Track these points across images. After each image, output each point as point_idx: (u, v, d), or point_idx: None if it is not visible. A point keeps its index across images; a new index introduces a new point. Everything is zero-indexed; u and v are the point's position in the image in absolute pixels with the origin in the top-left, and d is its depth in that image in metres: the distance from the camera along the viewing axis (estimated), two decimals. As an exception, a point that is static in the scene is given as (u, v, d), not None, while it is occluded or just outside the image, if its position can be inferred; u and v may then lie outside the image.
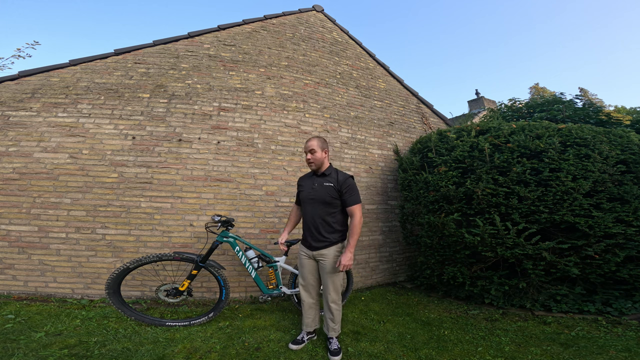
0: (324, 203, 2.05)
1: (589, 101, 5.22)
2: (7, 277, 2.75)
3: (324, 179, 2.10)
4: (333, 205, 2.05)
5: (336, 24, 4.88)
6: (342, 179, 2.05)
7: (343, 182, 2.04)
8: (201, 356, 1.99)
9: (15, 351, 1.86)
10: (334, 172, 2.12)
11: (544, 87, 21.74)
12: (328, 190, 2.04)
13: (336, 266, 1.97)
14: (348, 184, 2.04)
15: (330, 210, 2.06)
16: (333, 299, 2.08)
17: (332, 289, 2.06)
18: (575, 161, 2.84)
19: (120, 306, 2.35)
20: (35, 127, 3.05)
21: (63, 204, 2.90)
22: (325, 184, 2.06)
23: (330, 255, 2.03)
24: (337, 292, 2.09)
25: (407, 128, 4.69)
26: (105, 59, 3.46)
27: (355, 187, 2.07)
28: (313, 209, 2.09)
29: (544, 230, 2.91)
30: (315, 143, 2.09)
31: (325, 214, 2.05)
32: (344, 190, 2.02)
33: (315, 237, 2.06)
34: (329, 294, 2.07)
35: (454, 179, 3.20)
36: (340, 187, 2.03)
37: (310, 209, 2.11)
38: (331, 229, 2.05)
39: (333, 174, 2.10)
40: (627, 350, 2.10)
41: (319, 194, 2.06)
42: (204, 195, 3.19)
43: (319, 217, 2.06)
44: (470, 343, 2.29)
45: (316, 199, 2.07)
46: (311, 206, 2.10)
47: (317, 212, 2.07)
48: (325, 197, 2.04)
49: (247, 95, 3.67)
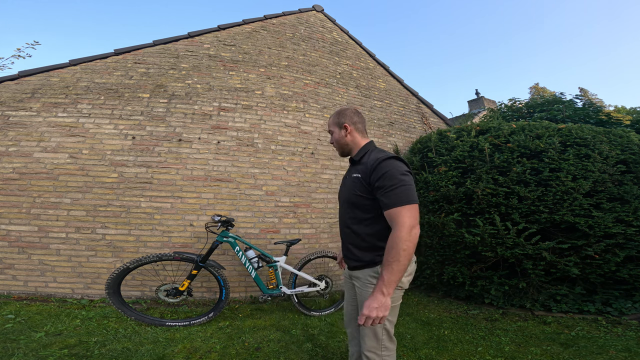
0: (351, 205, 1.32)
1: (589, 101, 5.22)
2: (7, 277, 2.75)
3: (354, 167, 1.38)
4: (362, 208, 1.27)
5: (336, 24, 4.88)
6: (373, 163, 1.21)
7: (373, 169, 1.20)
8: (201, 356, 1.99)
9: (15, 351, 1.86)
10: (368, 154, 1.32)
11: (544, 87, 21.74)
12: (354, 184, 1.29)
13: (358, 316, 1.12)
14: (382, 169, 1.17)
15: (360, 215, 1.28)
16: (368, 346, 1.26)
17: (367, 330, 1.25)
18: (575, 161, 2.84)
19: (120, 306, 2.35)
20: (35, 127, 3.05)
21: (63, 204, 2.90)
22: (353, 176, 1.32)
23: (364, 281, 1.29)
24: (376, 337, 1.25)
25: (407, 128, 4.69)
26: (105, 59, 3.46)
27: (398, 175, 1.15)
28: (342, 213, 1.42)
29: (544, 230, 2.91)
30: (331, 120, 1.44)
31: (355, 221, 1.31)
32: (376, 182, 1.18)
33: (345, 253, 1.40)
34: (363, 338, 1.27)
35: (454, 179, 3.20)
36: (370, 178, 1.21)
37: (340, 213, 1.45)
38: (365, 243, 1.28)
39: (365, 158, 1.31)
40: (627, 350, 2.10)
41: (346, 192, 1.38)
42: (204, 195, 3.19)
43: (346, 225, 1.37)
44: (470, 343, 2.29)
45: (344, 200, 1.40)
46: (341, 209, 1.45)
47: (345, 217, 1.38)
48: (351, 196, 1.31)
49: (247, 95, 3.67)
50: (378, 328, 1.26)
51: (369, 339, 1.27)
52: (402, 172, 1.17)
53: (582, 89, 18.97)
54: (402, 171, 1.17)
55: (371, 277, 1.27)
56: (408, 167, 1.23)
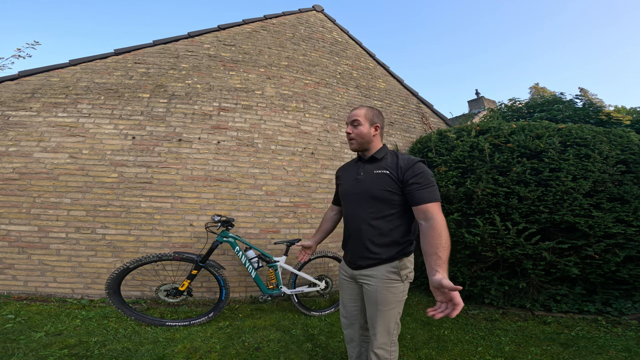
0: (375, 199, 1.33)
1: (589, 101, 5.22)
2: (7, 277, 2.75)
3: (374, 164, 1.40)
4: (390, 203, 1.31)
5: (336, 23, 4.88)
6: (407, 162, 1.31)
7: (408, 167, 1.29)
8: (201, 356, 1.99)
9: (15, 351, 1.86)
10: (390, 155, 1.41)
11: (544, 87, 21.77)
12: (382, 179, 1.33)
13: (442, 291, 1.04)
14: (418, 169, 1.28)
15: (385, 210, 1.32)
16: (379, 343, 1.31)
17: (380, 327, 1.30)
18: (575, 161, 2.84)
19: (120, 306, 2.35)
20: (35, 127, 3.05)
21: (63, 203, 2.90)
22: (376, 172, 1.36)
23: (379, 277, 1.31)
24: (389, 332, 1.31)
25: (407, 128, 4.69)
26: (105, 59, 3.46)
27: (431, 177, 1.28)
28: (357, 209, 1.39)
29: (544, 230, 2.91)
30: (363, 112, 1.41)
31: (376, 217, 1.33)
32: (411, 179, 1.26)
33: (358, 251, 1.38)
34: (375, 335, 1.32)
35: (454, 178, 3.20)
36: (403, 175, 1.29)
37: (353, 209, 1.42)
38: (386, 239, 1.32)
39: (389, 158, 1.39)
40: (627, 350, 2.10)
41: (366, 187, 1.37)
42: (204, 195, 3.19)
43: (364, 221, 1.35)
44: (470, 343, 2.29)
45: (362, 195, 1.38)
46: (355, 205, 1.41)
47: (362, 213, 1.36)
48: (376, 191, 1.33)
49: (247, 95, 3.67)
50: (391, 322, 1.32)
51: (382, 335, 1.32)
52: (432, 175, 1.31)
53: (582, 89, 18.99)
54: (432, 174, 1.31)
55: (389, 272, 1.31)
56: None
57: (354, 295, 1.47)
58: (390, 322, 1.31)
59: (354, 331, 1.52)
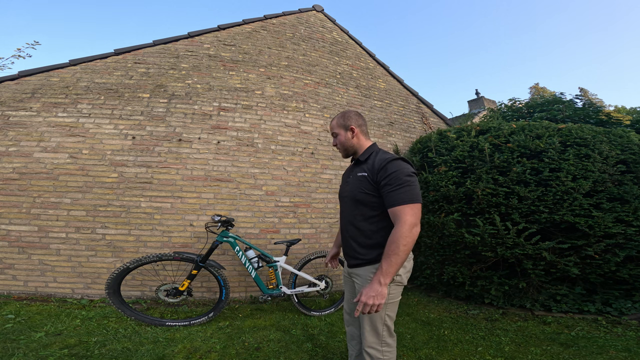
0: (357, 202, 1.38)
1: (589, 101, 5.22)
2: (7, 277, 2.75)
3: (358, 167, 1.45)
4: (369, 205, 1.34)
5: (336, 23, 4.88)
6: (380, 163, 1.30)
7: (380, 168, 1.28)
8: (201, 356, 1.99)
9: (15, 351, 1.86)
10: (373, 155, 1.41)
11: (544, 87, 21.77)
12: (360, 182, 1.37)
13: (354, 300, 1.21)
14: (391, 169, 1.25)
15: (367, 212, 1.35)
16: (369, 342, 1.32)
17: (367, 326, 1.32)
18: (575, 161, 2.84)
19: (120, 306, 2.35)
20: (35, 127, 3.05)
21: (63, 203, 2.90)
22: (359, 174, 1.39)
23: (364, 277, 1.36)
24: (376, 332, 1.32)
25: (407, 128, 4.69)
26: (105, 59, 3.46)
27: (404, 176, 1.23)
28: (346, 211, 1.47)
29: (544, 230, 2.91)
30: (336, 122, 1.48)
31: (359, 219, 1.38)
32: (383, 180, 1.26)
33: (348, 251, 1.45)
34: (364, 334, 1.34)
35: (454, 178, 3.20)
36: (376, 177, 1.29)
37: (343, 211, 1.50)
38: (370, 241, 1.34)
39: (371, 159, 1.39)
40: (627, 350, 2.10)
41: (350, 190, 1.43)
42: (204, 195, 3.19)
43: (351, 223, 1.42)
44: (470, 343, 2.29)
45: (349, 197, 1.44)
46: (344, 207, 1.49)
47: (349, 215, 1.44)
48: (357, 194, 1.37)
49: (247, 95, 3.67)
50: (378, 323, 1.32)
51: (370, 334, 1.33)
52: (408, 174, 1.25)
53: (582, 89, 18.99)
54: (408, 172, 1.25)
55: (372, 273, 1.32)
56: (413, 169, 1.29)
57: (352, 291, 1.52)
58: (377, 323, 1.31)
59: (356, 328, 1.54)
